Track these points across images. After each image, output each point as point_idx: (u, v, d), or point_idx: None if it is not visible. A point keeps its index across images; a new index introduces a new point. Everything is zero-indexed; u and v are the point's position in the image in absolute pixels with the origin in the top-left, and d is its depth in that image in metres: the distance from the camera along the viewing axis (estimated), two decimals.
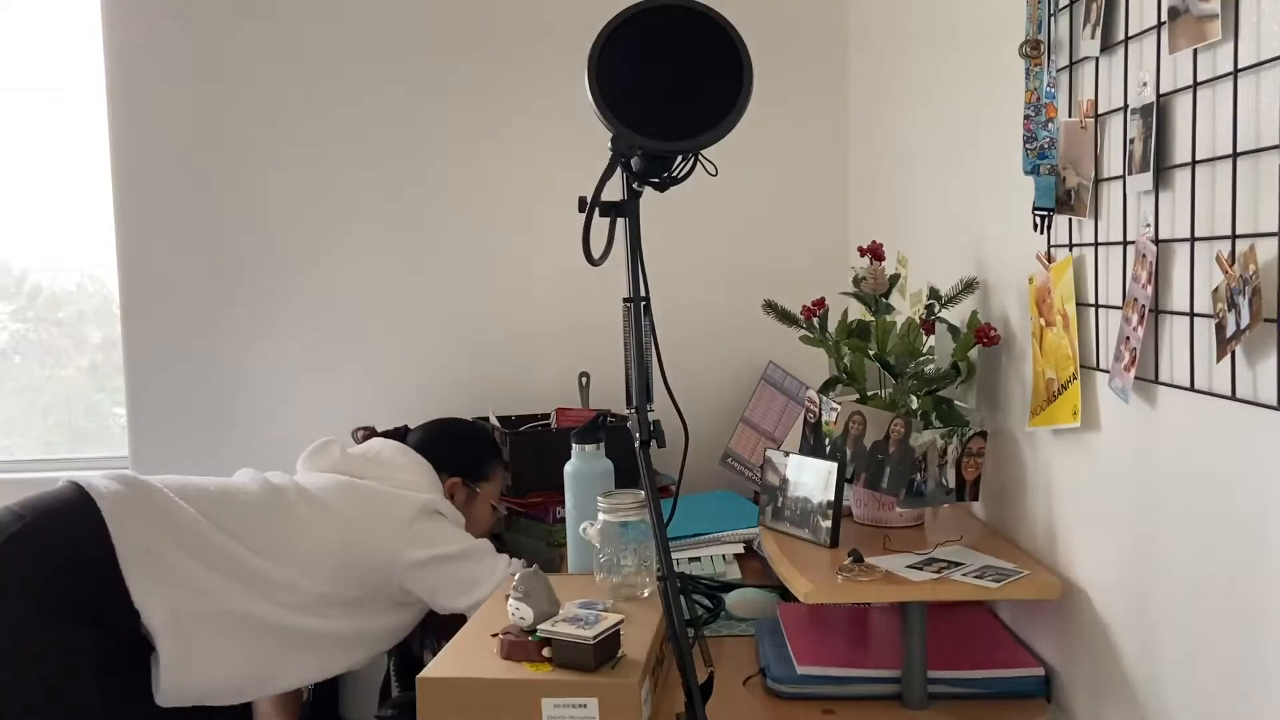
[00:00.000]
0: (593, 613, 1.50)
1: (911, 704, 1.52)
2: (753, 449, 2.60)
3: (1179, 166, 1.18)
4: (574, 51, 1.17)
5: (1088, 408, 1.42)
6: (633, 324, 1.21)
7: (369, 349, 2.85)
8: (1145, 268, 1.23)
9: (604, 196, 1.19)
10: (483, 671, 1.46)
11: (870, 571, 1.49)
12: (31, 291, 3.01)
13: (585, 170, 1.27)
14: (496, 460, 2.37)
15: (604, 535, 1.76)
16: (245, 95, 2.79)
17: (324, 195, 2.82)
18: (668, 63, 1.16)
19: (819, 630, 1.70)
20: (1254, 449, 1.06)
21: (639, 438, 1.19)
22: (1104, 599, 1.40)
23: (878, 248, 1.87)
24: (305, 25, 2.79)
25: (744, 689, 1.61)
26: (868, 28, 2.63)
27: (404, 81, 2.81)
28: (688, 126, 1.16)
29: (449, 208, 2.84)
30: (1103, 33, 1.34)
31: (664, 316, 1.37)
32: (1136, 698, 1.32)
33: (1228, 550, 1.11)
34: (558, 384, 2.82)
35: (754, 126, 1.27)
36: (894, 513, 1.73)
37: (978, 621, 1.72)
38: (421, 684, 1.44)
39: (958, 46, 1.93)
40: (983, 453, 1.68)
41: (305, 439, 2.63)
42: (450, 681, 1.45)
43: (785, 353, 2.68)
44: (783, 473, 1.73)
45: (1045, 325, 1.51)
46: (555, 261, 2.78)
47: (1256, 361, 1.04)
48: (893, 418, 1.66)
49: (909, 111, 2.25)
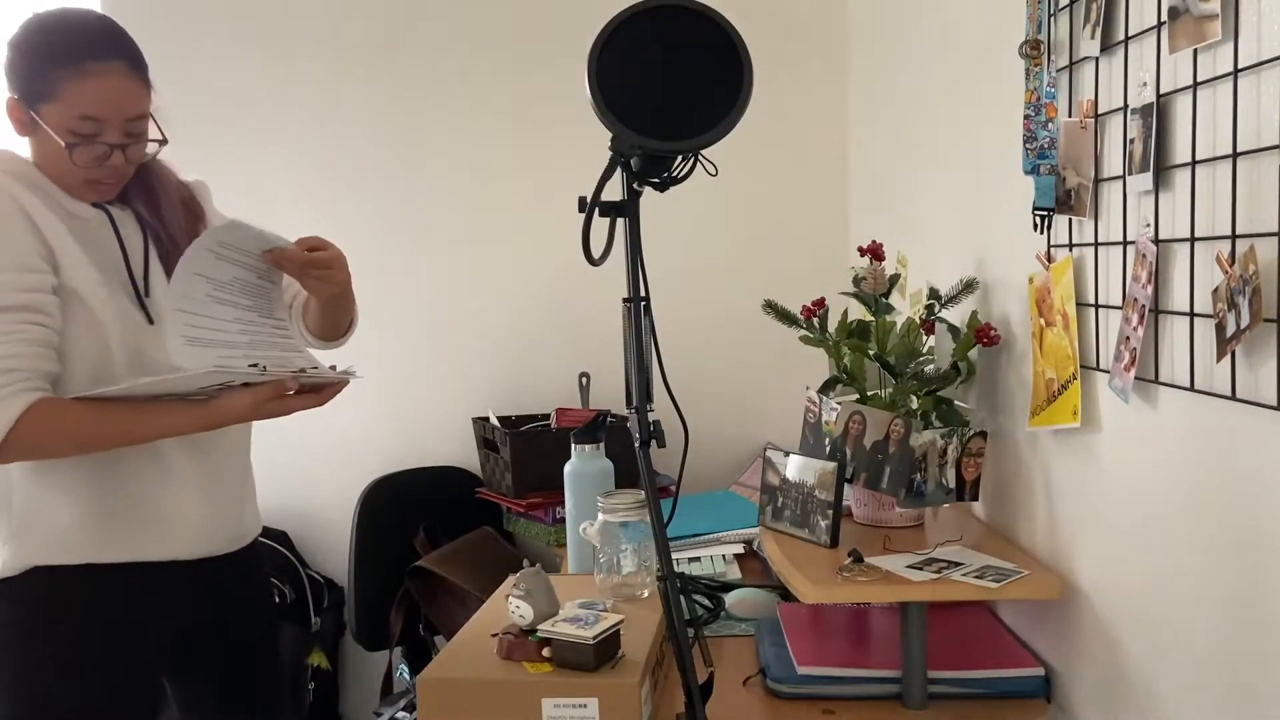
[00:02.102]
0: (593, 613, 1.50)
1: (911, 704, 1.52)
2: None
3: (1179, 166, 1.18)
4: (574, 51, 1.17)
5: (1088, 408, 1.42)
6: (633, 324, 1.21)
7: (368, 349, 2.85)
8: (1145, 268, 1.23)
9: (604, 196, 1.19)
10: (483, 671, 1.46)
11: (870, 571, 1.49)
12: None
13: (585, 170, 1.27)
14: (66, 71, 1.48)
15: (604, 535, 1.76)
16: (245, 95, 2.79)
17: (323, 195, 2.82)
18: (668, 63, 1.16)
19: (819, 630, 1.70)
20: (1254, 449, 1.06)
21: (639, 438, 1.19)
22: (1104, 599, 1.40)
23: (878, 248, 1.87)
24: (305, 25, 2.79)
25: (744, 689, 1.61)
26: (868, 28, 2.63)
27: (403, 81, 2.81)
28: (688, 126, 1.16)
29: (448, 207, 2.84)
30: (1103, 33, 1.34)
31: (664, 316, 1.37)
32: (1137, 698, 1.32)
33: (1228, 550, 1.11)
34: (558, 384, 2.82)
35: (754, 126, 1.27)
36: (894, 513, 1.73)
37: (978, 621, 1.72)
38: (421, 684, 1.44)
39: (958, 46, 1.93)
40: (983, 453, 1.68)
41: (303, 438, 2.64)
42: (450, 681, 1.45)
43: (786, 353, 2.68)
44: (783, 473, 1.72)
45: (1045, 325, 1.51)
46: (555, 261, 2.78)
47: (1256, 361, 1.04)
48: (893, 418, 1.66)
49: (909, 111, 2.25)
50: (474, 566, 2.47)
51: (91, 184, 1.56)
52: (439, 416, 2.86)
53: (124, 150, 1.54)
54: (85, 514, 1.55)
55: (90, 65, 1.48)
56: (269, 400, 1.49)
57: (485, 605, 1.75)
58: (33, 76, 1.50)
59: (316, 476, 2.86)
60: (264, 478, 1.87)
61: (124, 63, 1.52)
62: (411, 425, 2.87)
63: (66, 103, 1.49)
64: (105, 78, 1.49)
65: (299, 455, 2.81)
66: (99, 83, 1.49)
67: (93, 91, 1.49)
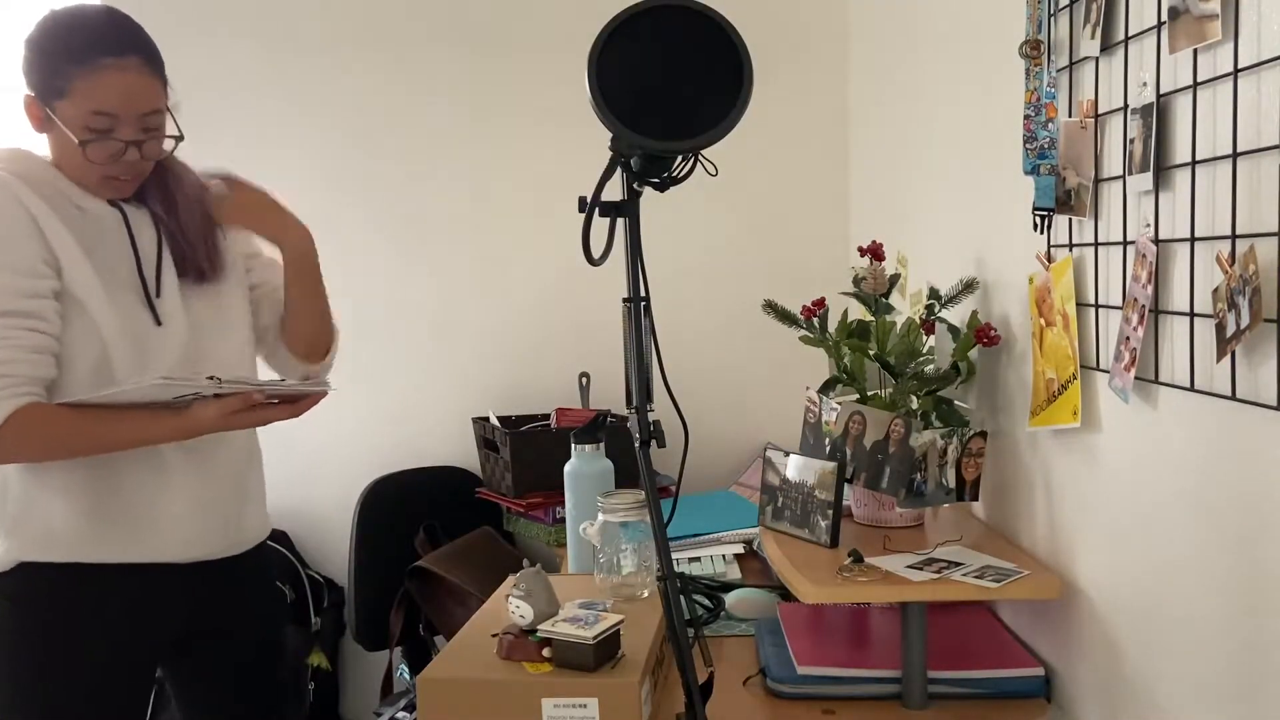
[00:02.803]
0: (593, 613, 1.50)
1: (911, 704, 1.52)
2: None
3: (1179, 166, 1.18)
4: (575, 51, 1.17)
5: (1088, 408, 1.42)
6: (633, 324, 1.21)
7: (369, 349, 2.85)
8: (1145, 268, 1.23)
9: (604, 196, 1.19)
10: (483, 671, 1.46)
11: (870, 571, 1.49)
12: None
13: (585, 170, 1.27)
14: (80, 68, 1.48)
15: (604, 535, 1.76)
16: (245, 95, 2.79)
17: (322, 195, 2.81)
18: (668, 63, 1.16)
19: (819, 630, 1.70)
20: (1254, 449, 1.06)
21: (639, 438, 1.19)
22: (1104, 599, 1.40)
23: (878, 248, 1.87)
24: (305, 25, 2.79)
25: (744, 689, 1.61)
26: (868, 28, 2.63)
27: (403, 81, 2.81)
28: (688, 126, 1.16)
29: (448, 208, 2.84)
30: (1103, 33, 1.34)
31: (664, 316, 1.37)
32: (1137, 698, 1.32)
33: (1228, 550, 1.11)
34: (558, 384, 2.82)
35: (754, 126, 1.27)
36: (894, 513, 1.73)
37: (978, 621, 1.72)
38: (421, 684, 1.44)
39: (958, 46, 1.93)
40: (983, 453, 1.68)
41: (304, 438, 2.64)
42: (450, 681, 1.45)
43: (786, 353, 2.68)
44: (783, 473, 1.72)
45: (1045, 325, 1.51)
46: (555, 261, 2.78)
47: (1256, 361, 1.04)
48: (893, 418, 1.66)
49: (909, 111, 2.25)
50: (474, 566, 2.47)
51: (108, 180, 1.56)
52: (439, 416, 2.86)
53: (139, 146, 1.53)
54: (77, 513, 1.55)
55: (103, 60, 1.48)
56: (238, 411, 1.51)
57: (485, 605, 1.75)
58: (47, 73, 1.50)
59: (317, 476, 2.86)
60: (265, 478, 1.87)
61: (138, 57, 1.51)
62: (412, 425, 2.87)
63: (80, 98, 1.48)
64: (119, 72, 1.49)
65: (300, 455, 2.81)
66: (113, 77, 1.48)
67: (106, 86, 1.48)
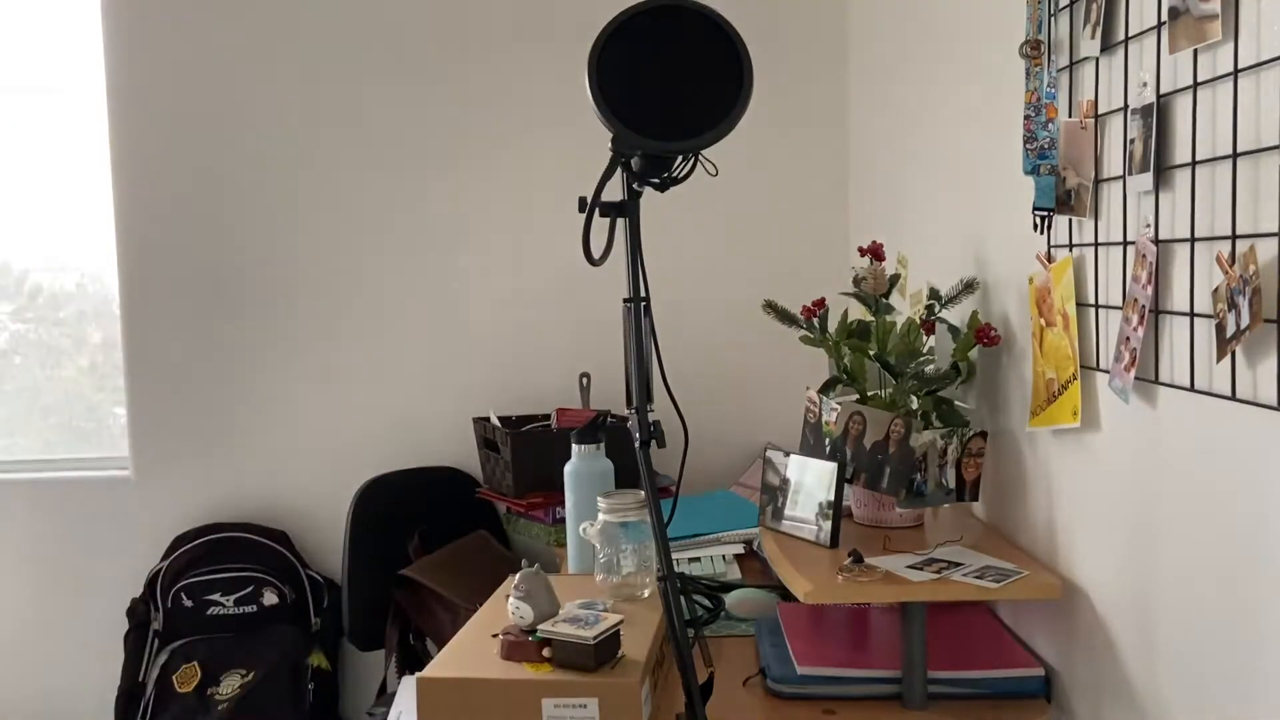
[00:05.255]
0: (593, 613, 1.50)
1: (911, 704, 1.52)
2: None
3: (1179, 167, 1.18)
4: (575, 51, 1.17)
5: (1088, 408, 1.42)
6: (633, 324, 1.21)
7: (370, 349, 2.85)
8: (1145, 268, 1.23)
9: (604, 196, 1.20)
10: (483, 671, 1.46)
11: (870, 571, 1.49)
12: (32, 291, 3.01)
13: (585, 170, 1.27)
14: None
15: (604, 535, 1.76)
16: (246, 95, 2.79)
17: (323, 195, 2.82)
18: (668, 63, 1.16)
19: (819, 630, 1.70)
20: (1254, 449, 1.06)
21: (639, 438, 1.19)
22: (1104, 599, 1.40)
23: (878, 248, 1.87)
24: (307, 25, 2.79)
25: (744, 689, 1.61)
26: (868, 28, 2.63)
27: (404, 82, 2.81)
28: (688, 127, 1.16)
29: (449, 208, 2.84)
30: (1103, 33, 1.34)
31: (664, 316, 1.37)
32: (1136, 698, 1.32)
33: (1228, 550, 1.11)
34: (558, 384, 2.82)
35: (754, 126, 1.27)
36: (894, 513, 1.73)
37: (978, 621, 1.72)
38: (421, 684, 1.44)
39: (958, 46, 1.93)
40: (983, 453, 1.68)
41: (305, 438, 2.64)
42: (450, 681, 1.44)
43: (786, 353, 2.68)
44: (783, 473, 1.72)
45: (1045, 325, 1.51)
46: (556, 262, 2.78)
47: (1256, 361, 1.04)
48: (893, 418, 1.66)
49: (909, 111, 2.25)
50: (461, 574, 2.46)
51: None
52: (439, 416, 2.86)
53: None
54: None
55: None
56: None
57: (484, 606, 1.75)
58: None
59: (316, 477, 2.85)
60: (265, 477, 1.87)
61: None
62: (411, 425, 2.87)
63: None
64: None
65: (300, 456, 2.82)
66: None
67: None
